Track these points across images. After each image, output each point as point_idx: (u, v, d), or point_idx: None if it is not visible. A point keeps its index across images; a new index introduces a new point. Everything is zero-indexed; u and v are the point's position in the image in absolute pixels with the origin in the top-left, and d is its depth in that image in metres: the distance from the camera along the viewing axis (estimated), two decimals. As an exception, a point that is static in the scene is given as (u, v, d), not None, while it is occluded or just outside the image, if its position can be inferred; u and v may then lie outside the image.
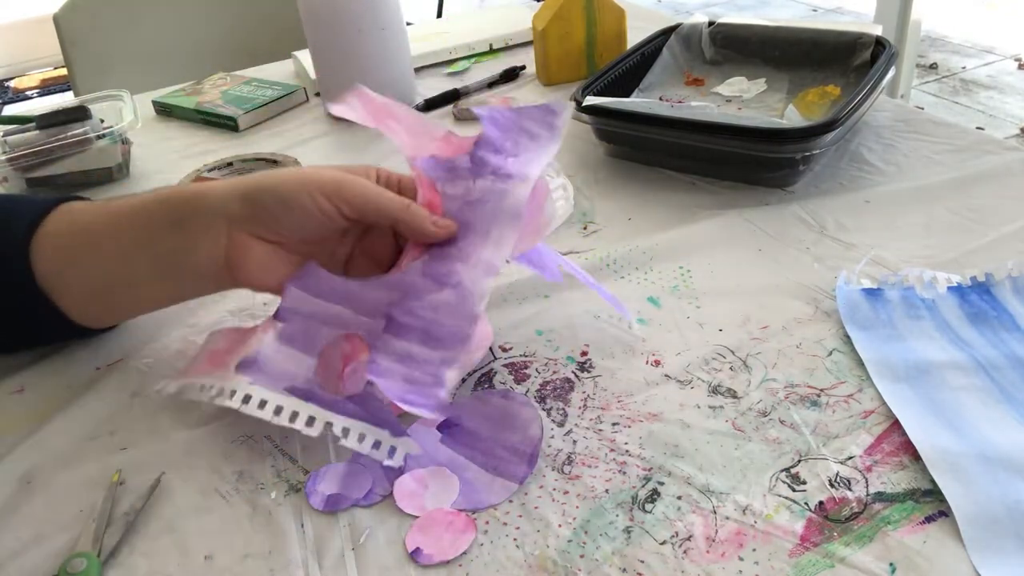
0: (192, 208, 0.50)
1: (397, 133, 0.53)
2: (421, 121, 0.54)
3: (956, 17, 3.57)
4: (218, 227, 0.49)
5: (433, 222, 0.49)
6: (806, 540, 0.40)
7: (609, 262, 0.63)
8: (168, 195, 0.51)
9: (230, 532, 0.44)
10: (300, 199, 0.48)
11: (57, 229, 0.52)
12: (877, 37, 0.82)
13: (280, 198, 0.48)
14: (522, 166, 0.50)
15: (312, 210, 0.48)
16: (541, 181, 0.50)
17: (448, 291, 0.47)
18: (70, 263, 0.52)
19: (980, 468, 0.42)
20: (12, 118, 0.88)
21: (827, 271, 0.59)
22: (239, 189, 0.49)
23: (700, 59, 0.92)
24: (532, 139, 0.51)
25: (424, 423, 0.49)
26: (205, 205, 0.49)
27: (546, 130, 0.51)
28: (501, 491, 0.44)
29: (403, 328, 0.47)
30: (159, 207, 0.51)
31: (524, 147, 0.51)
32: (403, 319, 0.47)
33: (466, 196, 0.50)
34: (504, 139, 0.51)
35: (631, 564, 0.40)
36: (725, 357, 0.52)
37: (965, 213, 0.64)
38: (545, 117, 0.52)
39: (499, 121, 0.52)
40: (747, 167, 0.70)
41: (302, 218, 0.48)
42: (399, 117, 0.53)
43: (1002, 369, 0.49)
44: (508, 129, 0.52)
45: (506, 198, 0.49)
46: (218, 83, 1.03)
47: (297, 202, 0.48)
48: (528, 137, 0.51)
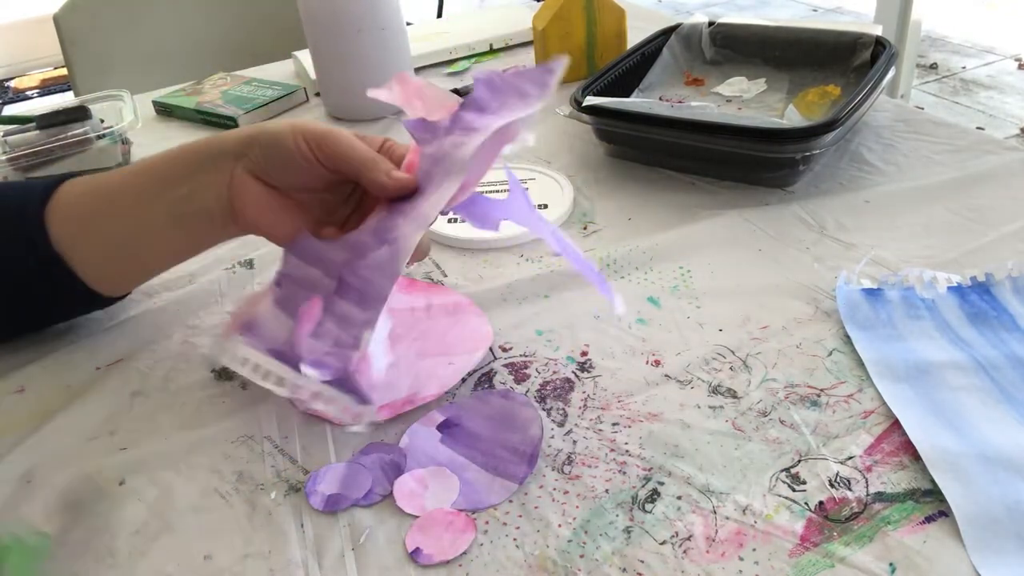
0: (205, 152, 0.52)
1: (415, 109, 0.53)
2: (441, 96, 0.53)
3: (956, 17, 3.57)
4: (224, 166, 0.51)
5: (387, 173, 0.49)
6: (806, 540, 0.40)
7: (609, 262, 0.63)
8: (184, 147, 0.53)
9: (230, 532, 0.44)
10: (286, 141, 0.50)
11: (71, 193, 0.54)
12: (877, 37, 0.82)
13: (271, 138, 0.50)
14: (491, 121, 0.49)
15: (294, 153, 0.50)
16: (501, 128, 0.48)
17: (385, 248, 0.46)
18: (86, 222, 0.53)
19: (980, 468, 0.42)
20: (12, 118, 0.88)
21: (827, 271, 0.59)
22: (246, 132, 0.51)
23: (700, 59, 0.92)
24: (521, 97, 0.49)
25: (424, 423, 0.49)
26: (216, 147, 0.52)
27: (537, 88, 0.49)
28: (501, 491, 0.44)
29: (347, 288, 0.47)
30: (178, 155, 0.53)
31: (509, 105, 0.49)
32: (348, 279, 0.47)
33: (436, 152, 0.49)
34: (492, 99, 0.50)
35: (631, 564, 0.40)
36: (725, 357, 0.52)
37: (965, 213, 0.64)
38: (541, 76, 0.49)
39: (494, 83, 0.50)
40: (747, 167, 0.70)
41: (286, 159, 0.50)
42: (424, 96, 0.54)
43: (1002, 369, 0.49)
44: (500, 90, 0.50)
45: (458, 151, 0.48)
46: (218, 83, 1.03)
47: (283, 143, 0.50)
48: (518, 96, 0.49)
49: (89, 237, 0.53)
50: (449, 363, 0.53)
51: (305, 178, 0.51)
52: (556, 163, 0.79)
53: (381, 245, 0.47)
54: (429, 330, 0.57)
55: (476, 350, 0.54)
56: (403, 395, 0.51)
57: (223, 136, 0.52)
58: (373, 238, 0.47)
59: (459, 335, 0.56)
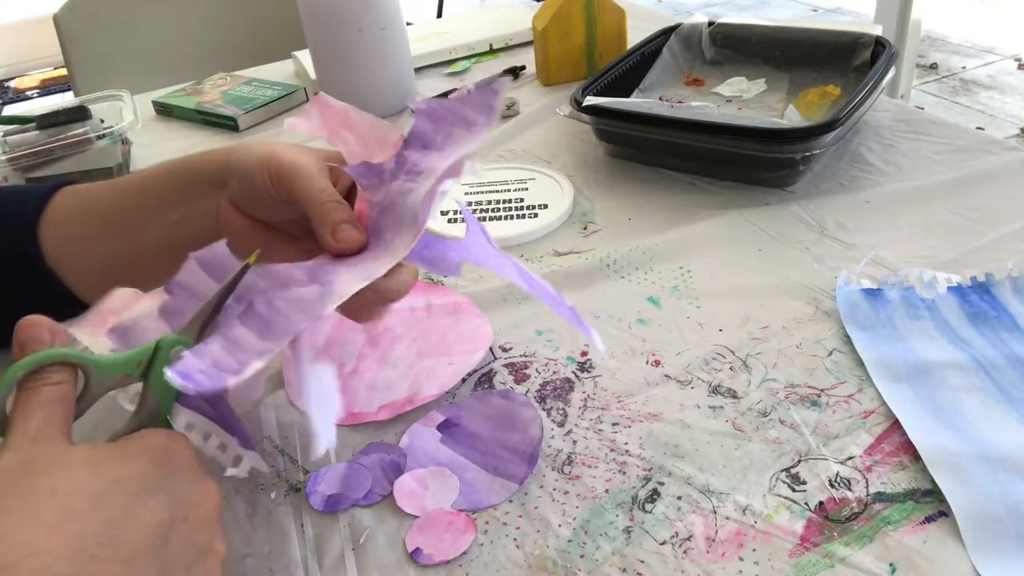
0: (192, 175, 0.51)
1: (347, 143, 0.49)
2: (376, 128, 0.49)
3: (956, 17, 3.57)
4: (209, 193, 0.49)
5: (333, 232, 0.44)
6: (806, 540, 0.40)
7: (609, 262, 0.63)
8: (171, 168, 0.52)
9: (230, 532, 0.44)
10: (255, 177, 0.47)
11: (64, 207, 0.53)
12: (877, 37, 0.82)
13: (244, 172, 0.48)
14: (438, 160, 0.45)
15: (262, 189, 0.47)
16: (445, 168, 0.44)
17: (316, 287, 0.42)
18: (81, 240, 0.52)
19: (980, 468, 0.42)
20: (12, 118, 0.88)
21: (827, 271, 0.59)
22: (224, 158, 0.49)
23: (700, 59, 0.92)
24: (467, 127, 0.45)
25: (424, 423, 0.49)
26: (200, 174, 0.50)
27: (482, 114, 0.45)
28: (501, 491, 0.44)
29: (252, 316, 0.42)
30: (170, 178, 0.51)
31: (455, 138, 0.45)
32: (258, 307, 0.42)
33: (384, 200, 0.45)
34: (435, 132, 0.46)
35: (631, 564, 0.40)
36: (725, 357, 0.52)
37: (965, 213, 0.64)
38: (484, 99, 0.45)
39: (435, 113, 0.46)
40: (747, 167, 0.70)
41: (257, 195, 0.47)
42: (353, 125, 0.50)
43: (1002, 369, 0.49)
44: (443, 120, 0.46)
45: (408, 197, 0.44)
46: (218, 83, 1.03)
47: (253, 179, 0.47)
48: (463, 126, 0.45)
49: (83, 256, 0.52)
50: (449, 363, 0.53)
51: (281, 212, 0.48)
52: (556, 163, 0.79)
53: (311, 284, 0.42)
54: (429, 330, 0.57)
55: (476, 350, 0.54)
56: (403, 395, 0.51)
57: (206, 158, 0.50)
58: (305, 275, 0.43)
59: (459, 335, 0.56)
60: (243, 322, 0.41)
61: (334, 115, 0.50)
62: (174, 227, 0.51)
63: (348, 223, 0.45)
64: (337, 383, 0.40)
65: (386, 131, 0.49)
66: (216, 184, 0.49)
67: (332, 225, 0.44)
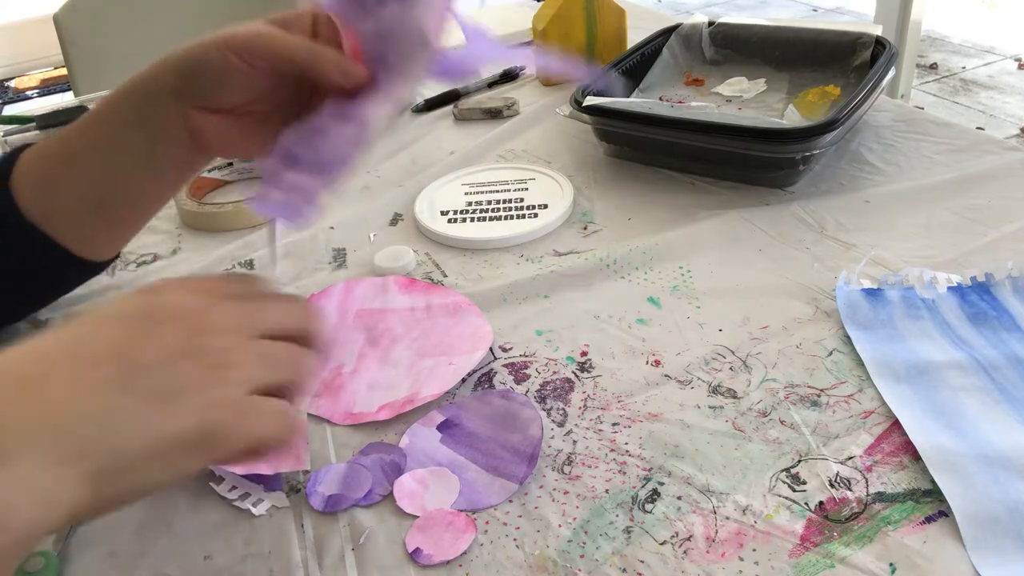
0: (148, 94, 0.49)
1: None
2: None
3: (956, 17, 3.57)
4: (168, 107, 0.48)
5: (341, 71, 0.45)
6: (806, 540, 0.40)
7: (609, 262, 0.63)
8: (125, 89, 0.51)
9: (230, 532, 0.44)
10: (214, 62, 0.46)
11: (30, 160, 0.53)
12: (877, 37, 0.82)
13: (199, 65, 0.47)
14: None
15: (232, 71, 0.46)
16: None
17: (350, 126, 0.44)
18: (55, 186, 0.52)
19: (980, 468, 0.42)
20: (12, 118, 0.88)
21: (827, 271, 0.59)
22: (174, 62, 0.48)
23: (700, 59, 0.92)
24: None
25: (424, 423, 0.49)
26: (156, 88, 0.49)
27: None
28: (501, 491, 0.44)
29: (296, 160, 0.44)
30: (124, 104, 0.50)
31: None
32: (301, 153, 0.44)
33: (376, 28, 0.45)
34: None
35: (631, 564, 0.40)
36: (725, 357, 0.52)
37: (965, 213, 0.64)
38: None
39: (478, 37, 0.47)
40: (747, 167, 0.70)
41: (222, 80, 0.47)
42: None
43: (1002, 369, 0.49)
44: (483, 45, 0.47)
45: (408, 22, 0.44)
46: (218, 83, 1.03)
47: (212, 66, 0.47)
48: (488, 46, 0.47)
49: (61, 202, 0.52)
50: (449, 363, 0.53)
51: (248, 92, 0.48)
52: (556, 163, 0.78)
53: (345, 123, 0.44)
54: (429, 330, 0.57)
55: (476, 350, 0.54)
56: (403, 395, 0.51)
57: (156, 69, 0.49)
58: (333, 120, 0.44)
59: (459, 335, 0.56)
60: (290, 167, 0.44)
61: None
62: (145, 152, 0.50)
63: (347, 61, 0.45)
64: None
65: None
66: (172, 94, 0.48)
67: (336, 67, 0.44)
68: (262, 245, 0.69)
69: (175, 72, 0.48)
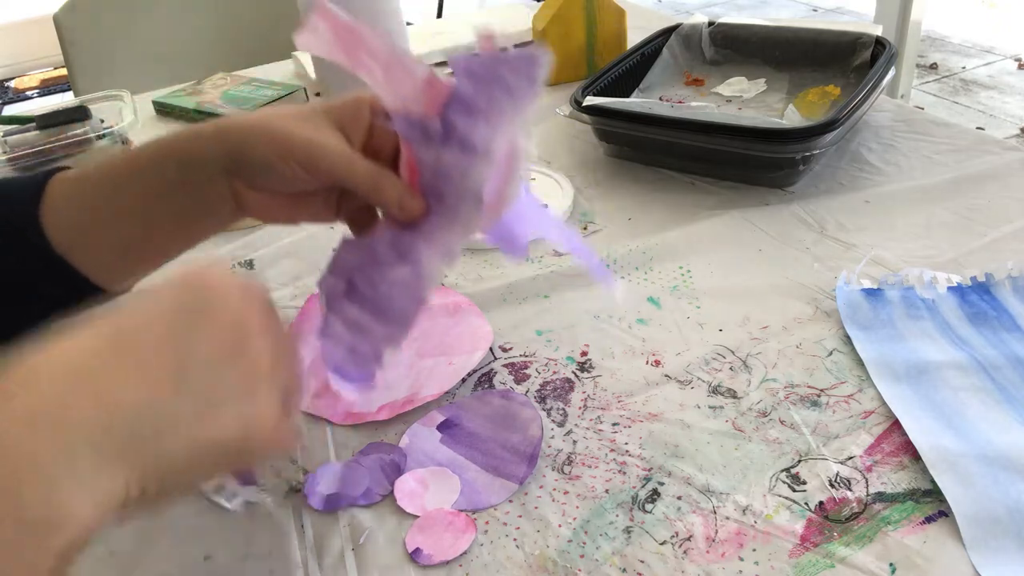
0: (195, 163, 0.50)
1: (372, 73, 0.47)
2: (399, 57, 0.47)
3: (956, 17, 3.57)
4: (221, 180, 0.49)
5: (399, 205, 0.46)
6: (806, 540, 0.40)
7: (609, 262, 0.63)
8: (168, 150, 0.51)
9: (230, 532, 0.44)
10: (278, 167, 0.47)
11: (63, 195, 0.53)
12: (877, 37, 0.82)
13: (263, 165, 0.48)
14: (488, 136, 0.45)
15: (290, 177, 0.47)
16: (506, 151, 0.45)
17: (407, 268, 0.44)
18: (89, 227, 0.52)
19: (980, 468, 0.42)
20: (12, 118, 0.88)
21: (827, 271, 0.59)
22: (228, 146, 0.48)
23: (700, 59, 0.92)
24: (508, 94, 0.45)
25: (424, 423, 0.49)
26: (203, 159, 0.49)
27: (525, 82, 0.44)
28: (501, 491, 0.44)
29: (359, 296, 0.44)
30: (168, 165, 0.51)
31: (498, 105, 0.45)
32: (361, 286, 0.44)
33: (436, 165, 0.45)
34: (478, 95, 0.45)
35: (631, 564, 0.40)
36: (725, 357, 0.52)
37: (965, 213, 0.64)
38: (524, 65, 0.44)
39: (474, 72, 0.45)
40: (747, 167, 0.70)
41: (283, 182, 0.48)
42: (374, 51, 0.47)
43: (1002, 369, 0.49)
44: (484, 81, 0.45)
45: (468, 177, 0.44)
46: (218, 83, 1.03)
47: (276, 170, 0.47)
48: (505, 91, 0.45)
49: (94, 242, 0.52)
50: (449, 363, 0.53)
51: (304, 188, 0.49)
52: (556, 163, 0.78)
53: (401, 263, 0.44)
54: (429, 330, 0.57)
55: (476, 350, 0.54)
56: (403, 395, 0.51)
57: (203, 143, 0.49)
58: (391, 251, 0.45)
59: (459, 335, 0.56)
60: (354, 302, 0.44)
61: (345, 33, 0.47)
62: (185, 211, 0.50)
63: (406, 193, 0.46)
64: None
65: (411, 64, 0.47)
66: (221, 171, 0.49)
67: (394, 200, 0.45)
68: (262, 245, 0.69)
69: (226, 154, 0.48)
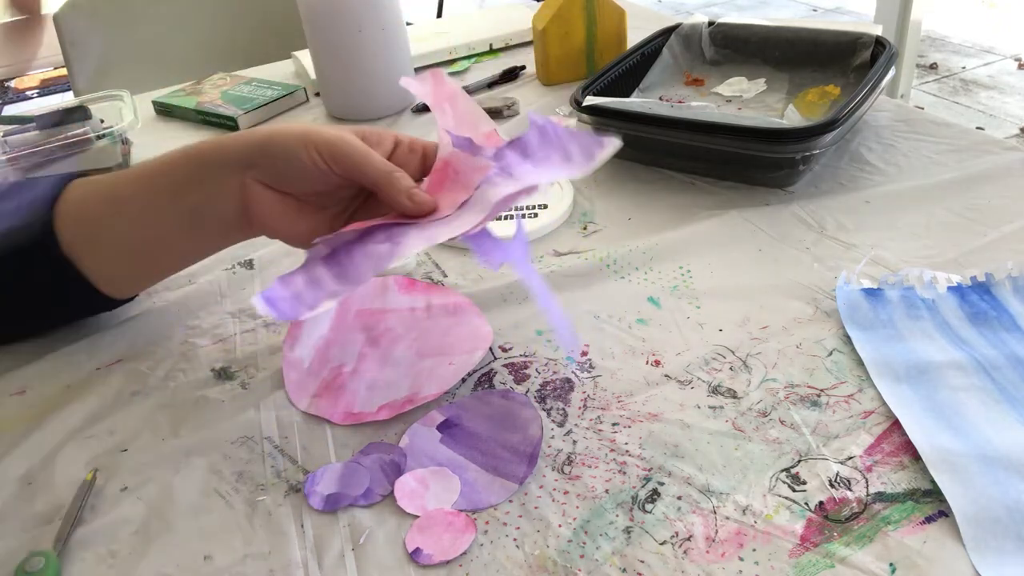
0: (213, 161, 0.52)
1: (445, 113, 0.54)
2: (475, 112, 0.54)
3: (956, 17, 3.57)
4: (232, 176, 0.51)
5: (409, 196, 0.49)
6: (806, 540, 0.40)
7: (609, 262, 0.63)
8: (188, 152, 0.53)
9: (230, 532, 0.44)
10: (300, 154, 0.50)
11: (78, 197, 0.54)
12: (877, 37, 0.82)
13: (283, 151, 0.51)
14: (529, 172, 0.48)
15: (309, 165, 0.50)
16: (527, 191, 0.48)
17: (387, 245, 0.47)
18: (97, 227, 0.54)
19: (980, 468, 0.42)
20: (12, 118, 0.88)
21: (827, 271, 0.59)
22: (254, 140, 0.52)
23: (700, 59, 0.92)
24: (565, 159, 0.48)
25: (424, 423, 0.49)
26: (223, 158, 0.52)
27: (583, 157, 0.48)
28: (501, 491, 0.44)
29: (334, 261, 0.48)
30: (183, 162, 0.53)
31: (550, 163, 0.49)
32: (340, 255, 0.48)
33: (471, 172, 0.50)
34: (539, 148, 0.49)
35: (631, 564, 0.40)
36: (725, 357, 0.52)
37: (965, 213, 0.64)
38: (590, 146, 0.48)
39: (546, 133, 0.49)
40: (747, 167, 0.70)
41: (302, 171, 0.51)
42: (456, 103, 0.54)
43: (1002, 369, 0.49)
44: (550, 142, 0.49)
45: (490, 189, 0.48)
46: (218, 83, 1.03)
47: (297, 157, 0.50)
48: (562, 156, 0.48)
49: (100, 244, 0.54)
50: (449, 363, 0.53)
51: (318, 185, 0.51)
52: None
53: (385, 241, 0.48)
54: (429, 330, 0.57)
55: (476, 350, 0.54)
56: (403, 395, 0.51)
57: (227, 143, 0.52)
58: (383, 233, 0.48)
59: (459, 335, 0.56)
60: (325, 264, 0.48)
61: (443, 90, 0.55)
62: (192, 211, 0.52)
63: (417, 189, 0.50)
64: None
65: (482, 119, 0.54)
66: (240, 166, 0.51)
67: (406, 191, 0.50)
68: (262, 245, 0.69)
69: (249, 149, 0.51)
